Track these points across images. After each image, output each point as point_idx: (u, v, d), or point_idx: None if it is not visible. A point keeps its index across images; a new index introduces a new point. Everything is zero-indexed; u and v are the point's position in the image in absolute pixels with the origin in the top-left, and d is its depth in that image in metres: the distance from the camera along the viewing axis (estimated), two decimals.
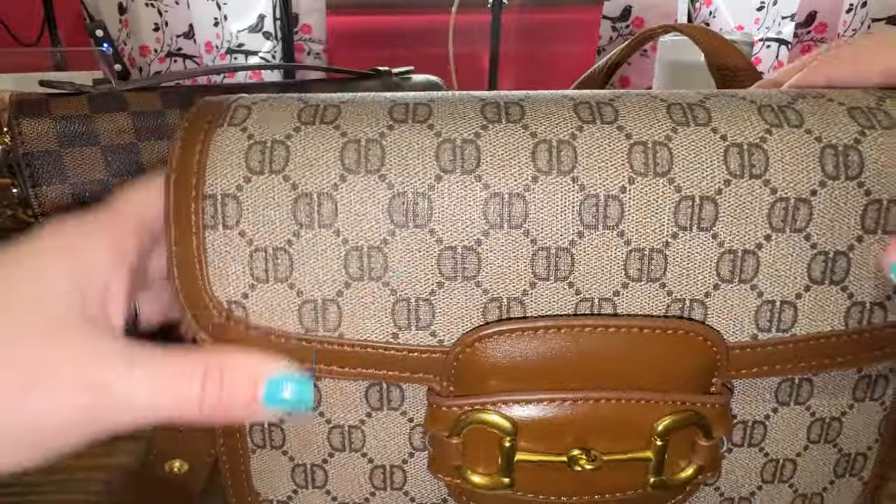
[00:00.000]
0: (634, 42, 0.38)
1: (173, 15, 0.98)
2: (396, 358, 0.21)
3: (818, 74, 0.24)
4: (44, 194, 0.33)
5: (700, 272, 0.20)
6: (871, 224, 0.20)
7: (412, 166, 0.20)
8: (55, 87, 0.35)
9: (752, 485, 0.24)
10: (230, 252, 0.20)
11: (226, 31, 1.02)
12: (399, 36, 1.15)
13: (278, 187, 0.20)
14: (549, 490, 0.21)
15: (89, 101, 0.35)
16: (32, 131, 0.33)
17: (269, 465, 0.23)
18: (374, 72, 0.49)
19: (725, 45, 0.35)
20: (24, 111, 0.33)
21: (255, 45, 1.04)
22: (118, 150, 0.34)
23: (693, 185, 0.20)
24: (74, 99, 0.35)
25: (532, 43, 1.14)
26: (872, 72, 0.22)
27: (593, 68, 0.42)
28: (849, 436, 0.24)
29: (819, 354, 0.21)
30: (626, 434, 0.20)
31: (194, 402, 0.18)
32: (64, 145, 0.33)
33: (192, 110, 0.22)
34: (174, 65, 1.00)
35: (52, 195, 0.33)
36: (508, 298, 0.20)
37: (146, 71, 1.01)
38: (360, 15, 1.14)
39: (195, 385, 0.18)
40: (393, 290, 0.20)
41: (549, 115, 0.20)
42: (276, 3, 1.02)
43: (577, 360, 0.20)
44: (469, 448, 0.21)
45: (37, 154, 0.33)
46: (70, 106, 0.34)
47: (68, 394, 0.17)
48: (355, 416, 0.22)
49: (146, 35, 0.99)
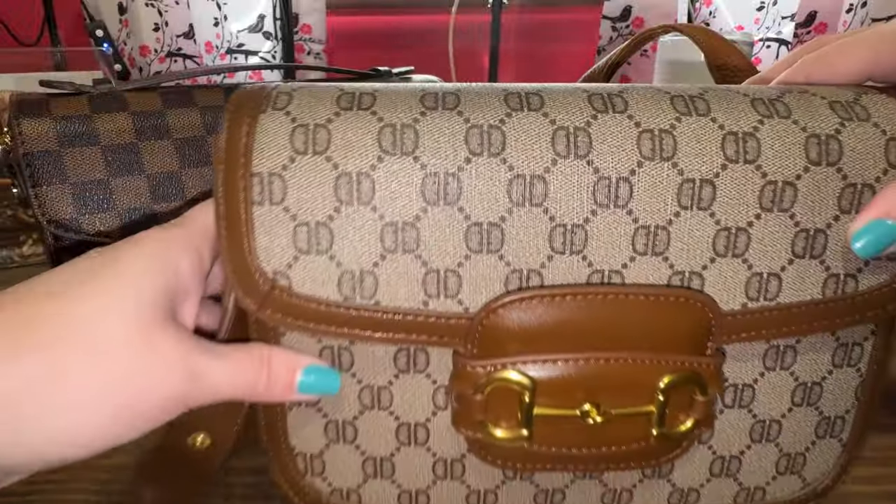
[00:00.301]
0: (634, 42, 0.39)
1: (173, 15, 0.98)
2: (426, 324, 0.23)
3: (799, 74, 0.26)
4: (44, 194, 0.32)
5: (698, 247, 0.23)
6: (847, 205, 0.23)
7: (443, 149, 0.22)
8: (55, 87, 0.35)
9: (742, 444, 0.26)
10: (276, 226, 0.22)
11: (226, 31, 1.03)
12: (399, 36, 1.16)
13: (321, 167, 0.22)
14: (562, 442, 0.23)
15: (89, 101, 0.35)
16: (32, 131, 0.33)
17: (304, 422, 0.25)
18: (374, 72, 0.50)
19: (725, 45, 0.36)
20: (25, 111, 0.33)
21: (255, 45, 1.05)
22: (118, 150, 0.34)
23: (694, 169, 0.22)
24: (74, 99, 0.35)
25: (532, 43, 1.16)
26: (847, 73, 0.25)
27: (593, 68, 0.44)
28: (829, 399, 0.26)
29: (799, 321, 0.24)
30: (631, 391, 0.23)
31: (258, 386, 0.22)
32: (64, 145, 0.33)
33: (235, 96, 0.24)
34: (174, 65, 1.01)
35: (52, 195, 0.33)
36: (528, 270, 0.23)
37: (146, 71, 1.01)
38: (360, 15, 1.15)
39: (262, 374, 0.22)
40: (424, 262, 0.22)
41: (567, 105, 0.22)
42: (276, 3, 1.03)
43: (589, 325, 0.23)
44: (491, 404, 0.23)
45: (37, 154, 0.32)
46: (70, 106, 0.34)
47: (172, 379, 0.21)
48: (384, 377, 0.25)
49: (146, 35, 0.99)
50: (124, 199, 0.34)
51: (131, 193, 0.34)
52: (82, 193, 0.33)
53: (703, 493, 0.27)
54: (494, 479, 0.26)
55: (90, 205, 0.33)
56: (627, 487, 0.27)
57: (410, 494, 0.27)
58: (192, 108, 0.36)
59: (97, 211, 0.33)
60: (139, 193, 0.34)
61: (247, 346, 0.23)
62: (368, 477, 0.26)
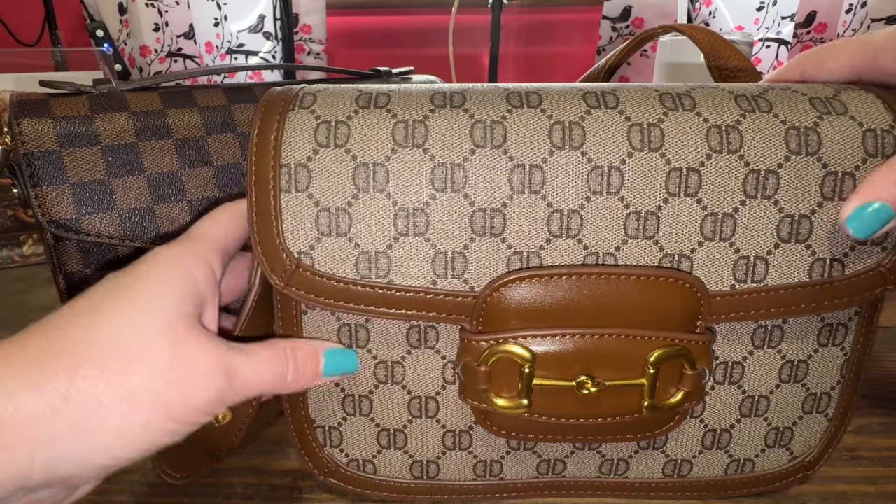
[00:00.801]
0: (634, 42, 0.40)
1: (173, 15, 0.98)
2: (435, 301, 0.25)
3: (793, 71, 0.28)
4: (44, 194, 0.32)
5: (687, 231, 0.25)
6: (829, 192, 0.25)
7: (451, 142, 0.24)
8: (56, 88, 0.35)
9: (732, 418, 0.28)
10: (301, 211, 0.24)
11: (226, 32, 1.03)
12: (399, 36, 1.15)
13: (341, 158, 0.24)
14: (560, 412, 0.25)
15: (89, 101, 0.34)
16: (33, 131, 0.32)
17: (324, 396, 0.28)
18: (374, 72, 0.49)
19: (725, 45, 0.37)
20: (25, 111, 0.33)
21: (256, 45, 1.05)
22: (118, 150, 0.34)
23: (681, 159, 0.24)
24: (75, 99, 0.34)
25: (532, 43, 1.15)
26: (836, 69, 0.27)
27: (593, 68, 0.45)
28: (815, 377, 0.28)
29: (787, 302, 0.25)
30: (624, 364, 0.25)
31: (286, 379, 0.24)
32: (64, 145, 0.33)
33: (266, 97, 0.26)
34: (174, 65, 1.01)
35: (53, 195, 0.32)
36: (528, 252, 0.25)
37: (146, 71, 1.01)
38: (360, 15, 1.14)
39: (289, 368, 0.24)
40: (433, 244, 0.25)
41: (563, 102, 0.25)
42: (276, 3, 1.03)
43: (585, 303, 0.25)
44: (494, 375, 0.25)
45: (37, 154, 0.32)
46: (70, 106, 0.34)
47: (208, 383, 0.22)
48: (398, 353, 0.27)
49: (146, 35, 0.99)
50: (124, 199, 0.33)
51: (131, 193, 0.34)
52: (82, 193, 0.33)
53: (695, 465, 0.29)
54: (499, 449, 0.28)
55: (90, 205, 0.33)
56: (624, 458, 0.28)
57: (422, 464, 0.29)
58: (193, 108, 0.36)
59: (97, 211, 0.33)
60: (139, 193, 0.34)
61: (270, 342, 0.25)
62: (383, 448, 0.29)
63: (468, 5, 1.06)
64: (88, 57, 0.81)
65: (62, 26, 1.05)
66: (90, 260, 0.34)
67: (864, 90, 0.26)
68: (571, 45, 1.15)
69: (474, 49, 1.13)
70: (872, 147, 0.24)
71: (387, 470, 0.29)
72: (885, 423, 0.35)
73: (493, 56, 1.03)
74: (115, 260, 0.35)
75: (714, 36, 0.38)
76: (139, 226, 0.34)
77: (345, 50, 1.16)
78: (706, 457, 0.28)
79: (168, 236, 0.34)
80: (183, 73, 0.39)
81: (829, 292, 0.25)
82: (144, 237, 0.34)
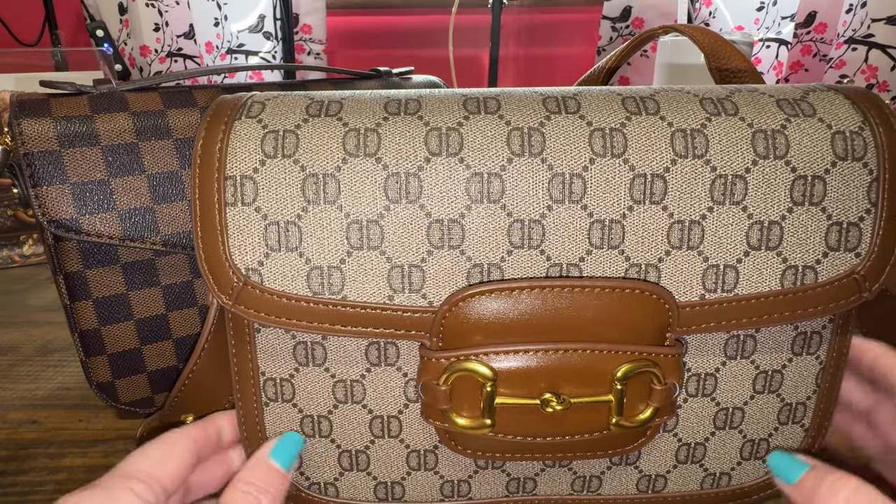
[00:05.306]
0: (634, 42, 0.39)
1: (174, 15, 0.98)
2: (392, 317, 0.24)
3: None
4: (44, 194, 0.32)
5: (653, 240, 0.24)
6: (799, 196, 0.24)
7: (404, 150, 0.23)
8: (56, 88, 0.35)
9: (706, 431, 0.27)
10: (248, 225, 0.23)
11: (226, 32, 1.03)
12: (399, 36, 1.15)
13: (289, 169, 0.23)
14: (525, 431, 0.24)
15: (90, 101, 0.34)
16: (33, 131, 0.32)
17: (281, 417, 0.27)
18: (374, 72, 0.50)
19: (725, 45, 0.36)
20: (25, 111, 0.33)
21: (256, 45, 1.05)
22: (118, 150, 0.34)
23: (645, 165, 0.23)
24: (75, 99, 0.34)
25: (532, 43, 1.15)
26: None
27: (593, 69, 0.44)
28: (789, 387, 0.27)
29: (759, 312, 0.24)
30: (590, 380, 0.24)
31: None
32: (64, 145, 0.33)
33: (213, 105, 0.25)
34: (175, 65, 1.01)
35: (53, 195, 0.32)
36: (488, 264, 0.24)
37: (147, 71, 1.01)
38: (360, 15, 1.15)
39: None
40: (388, 258, 0.23)
41: (522, 107, 0.24)
42: (276, 3, 1.03)
43: (548, 316, 0.23)
44: (455, 394, 0.24)
45: (37, 154, 0.32)
46: (70, 106, 0.34)
47: None
48: (357, 371, 0.26)
49: (146, 35, 0.98)
50: (124, 199, 0.34)
51: (131, 193, 0.34)
52: (82, 193, 0.33)
53: (669, 479, 0.28)
54: (467, 468, 0.27)
55: (90, 205, 0.33)
56: (596, 474, 0.27)
57: (387, 485, 0.28)
58: (193, 108, 0.36)
59: (97, 211, 0.33)
60: (139, 193, 0.34)
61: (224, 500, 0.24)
62: (345, 470, 0.27)
63: (468, 5, 1.06)
64: (88, 57, 0.81)
65: (62, 26, 1.04)
66: (90, 260, 0.34)
67: (833, 90, 0.25)
68: (571, 45, 1.15)
69: (474, 49, 1.13)
70: (842, 150, 0.24)
71: (350, 492, 0.28)
72: None
73: (493, 56, 1.03)
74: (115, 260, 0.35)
75: (714, 36, 0.37)
76: (139, 226, 0.34)
77: (345, 50, 1.16)
78: (681, 471, 0.28)
79: (168, 236, 0.34)
80: (183, 73, 0.39)
81: (802, 301, 0.25)
82: (144, 237, 0.34)
